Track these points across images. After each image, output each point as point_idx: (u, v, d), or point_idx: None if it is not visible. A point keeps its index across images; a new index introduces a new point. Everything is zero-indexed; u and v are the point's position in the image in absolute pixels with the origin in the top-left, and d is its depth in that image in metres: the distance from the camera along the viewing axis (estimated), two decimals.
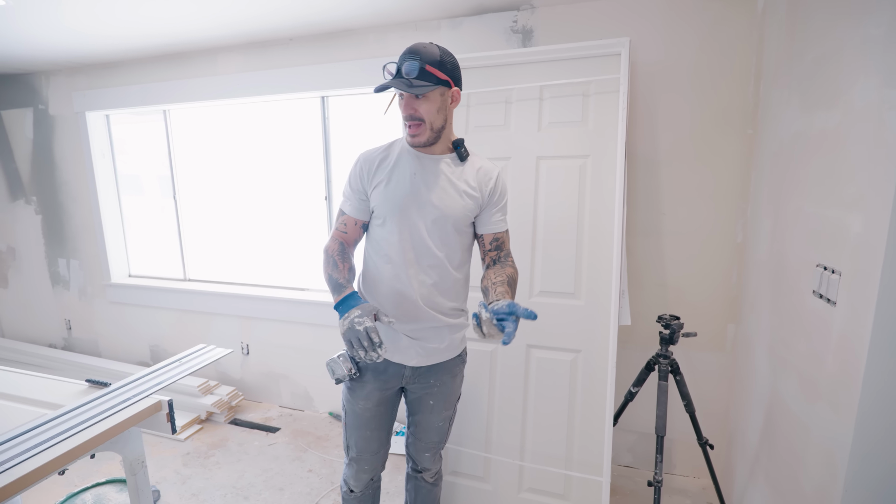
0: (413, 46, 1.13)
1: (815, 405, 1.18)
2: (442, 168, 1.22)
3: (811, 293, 1.22)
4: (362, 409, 1.28)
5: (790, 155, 1.43)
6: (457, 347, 1.31)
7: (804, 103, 1.34)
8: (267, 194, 2.79)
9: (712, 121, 1.84)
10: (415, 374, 1.28)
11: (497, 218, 1.26)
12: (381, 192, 1.22)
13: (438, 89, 1.14)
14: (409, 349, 1.24)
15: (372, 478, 1.38)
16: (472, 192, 1.21)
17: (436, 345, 1.25)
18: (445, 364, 1.30)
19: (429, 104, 1.14)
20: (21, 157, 3.24)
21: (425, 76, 1.11)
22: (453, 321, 1.27)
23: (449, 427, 1.40)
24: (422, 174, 1.21)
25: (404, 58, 1.12)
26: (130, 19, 2.07)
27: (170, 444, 2.41)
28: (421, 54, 1.11)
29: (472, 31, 2.10)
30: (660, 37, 1.85)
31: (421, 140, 1.17)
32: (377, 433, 1.32)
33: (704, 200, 1.89)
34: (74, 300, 3.30)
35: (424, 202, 1.19)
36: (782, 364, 1.40)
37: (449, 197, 1.20)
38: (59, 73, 2.99)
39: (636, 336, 2.02)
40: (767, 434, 1.48)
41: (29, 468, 1.00)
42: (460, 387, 1.39)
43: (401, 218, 1.20)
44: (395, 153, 1.24)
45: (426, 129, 1.16)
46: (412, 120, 1.15)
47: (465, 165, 1.24)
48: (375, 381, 1.27)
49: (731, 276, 1.89)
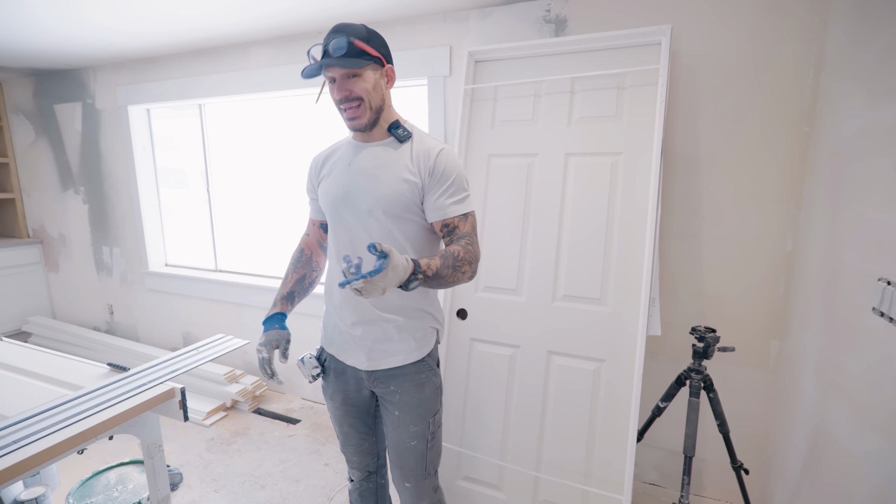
0: (337, 25, 1.06)
1: (869, 437, 1.05)
2: (377, 154, 1.14)
3: (870, 310, 1.08)
4: (331, 407, 1.29)
5: (852, 155, 1.27)
6: (414, 351, 1.18)
7: (872, 96, 1.19)
8: (294, 188, 2.82)
9: (762, 117, 1.68)
10: (371, 377, 1.20)
11: (443, 202, 1.10)
12: (322, 188, 1.20)
13: (371, 66, 1.07)
14: (358, 351, 1.18)
15: (368, 470, 1.36)
16: (409, 175, 1.10)
17: (386, 347, 1.16)
18: (405, 369, 1.18)
19: (364, 82, 1.06)
20: (71, 149, 3.42)
21: (355, 52, 1.04)
22: (407, 321, 1.16)
23: (427, 450, 1.22)
24: (357, 164, 1.14)
25: (329, 37, 1.05)
26: (164, 11, 2.12)
27: (196, 429, 2.48)
28: (346, 31, 1.04)
29: (502, 22, 2.02)
30: (704, 24, 1.70)
31: (363, 122, 1.10)
32: (353, 430, 1.29)
33: (750, 204, 1.73)
34: (116, 286, 3.46)
35: (358, 193, 1.12)
36: (833, 388, 1.26)
37: (382, 184, 1.10)
38: (105, 69, 3.12)
39: (667, 348, 1.89)
40: (811, 463, 1.34)
41: (48, 444, 1.03)
42: (434, 401, 1.22)
43: (337, 211, 1.15)
44: (341, 148, 1.22)
45: (366, 109, 1.08)
46: (349, 102, 1.07)
47: (404, 147, 1.14)
48: (336, 382, 1.25)
49: (778, 287, 1.73)
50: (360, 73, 1.06)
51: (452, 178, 1.11)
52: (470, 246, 1.09)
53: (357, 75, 1.06)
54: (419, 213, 1.13)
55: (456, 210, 1.11)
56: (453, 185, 1.11)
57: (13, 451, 1.00)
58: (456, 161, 1.13)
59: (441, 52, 2.14)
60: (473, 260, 1.08)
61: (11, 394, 1.28)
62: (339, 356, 1.23)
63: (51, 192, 3.61)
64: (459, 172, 1.13)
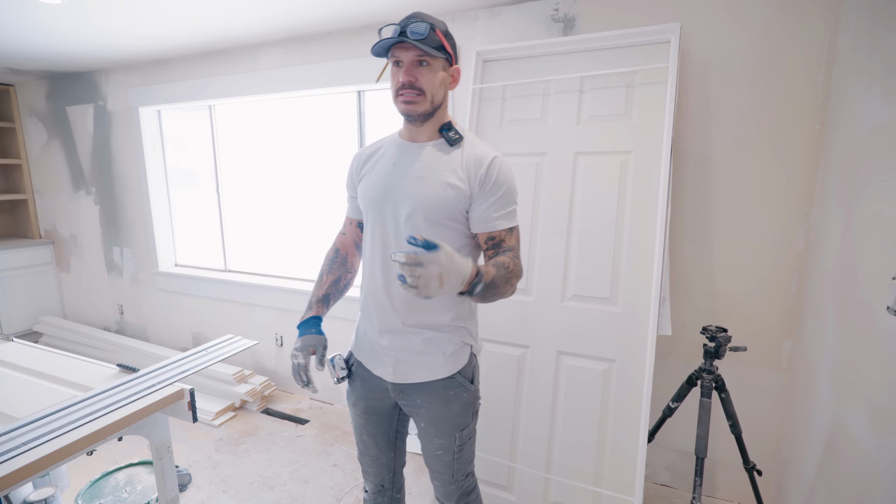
0: (416, 12, 1.02)
1: (888, 439, 1.03)
2: (424, 156, 1.08)
3: (885, 310, 1.07)
4: (353, 413, 1.25)
5: (867, 152, 1.25)
6: (442, 367, 1.10)
7: (887, 93, 1.17)
8: (303, 188, 2.83)
9: (773, 115, 1.66)
10: (396, 389, 1.15)
11: (490, 214, 1.04)
12: (362, 186, 1.15)
13: (442, 61, 1.03)
14: (385, 362, 1.13)
15: (382, 484, 1.30)
16: (457, 181, 1.04)
17: (412, 359, 1.11)
18: (431, 385, 1.11)
19: (432, 74, 1.02)
20: (83, 151, 3.47)
21: (434, 41, 0.99)
22: (436, 335, 1.10)
23: (453, 460, 1.18)
24: (401, 164, 1.09)
25: (408, 20, 1.00)
26: (172, 16, 2.14)
27: (205, 429, 2.49)
28: (429, 20, 1.01)
29: (510, 21, 2.02)
30: (714, 22, 1.69)
31: (418, 110, 1.03)
32: (372, 441, 1.25)
33: (762, 203, 1.72)
34: (127, 286, 3.49)
35: (399, 194, 1.07)
36: (849, 388, 1.24)
37: (426, 188, 1.04)
38: (117, 71, 3.16)
39: (678, 348, 1.87)
40: (827, 465, 1.32)
41: (58, 445, 1.04)
42: (463, 416, 1.15)
43: (374, 212, 1.11)
44: (385, 146, 1.16)
45: (425, 100, 1.03)
46: (411, 89, 1.01)
47: (454, 151, 1.07)
48: (361, 389, 1.20)
49: (791, 286, 1.71)
50: (430, 63, 1.01)
51: (503, 189, 1.05)
52: (517, 259, 1.05)
53: (427, 64, 1.01)
54: (463, 221, 1.07)
55: (503, 224, 1.06)
56: (503, 198, 1.05)
57: (24, 452, 1.01)
58: (508, 172, 1.07)
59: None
60: (520, 274, 1.04)
61: (22, 395, 1.30)
62: (367, 364, 1.19)
63: (63, 193, 3.65)
64: (510, 184, 1.07)
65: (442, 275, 0.83)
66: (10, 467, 0.95)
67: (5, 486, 0.92)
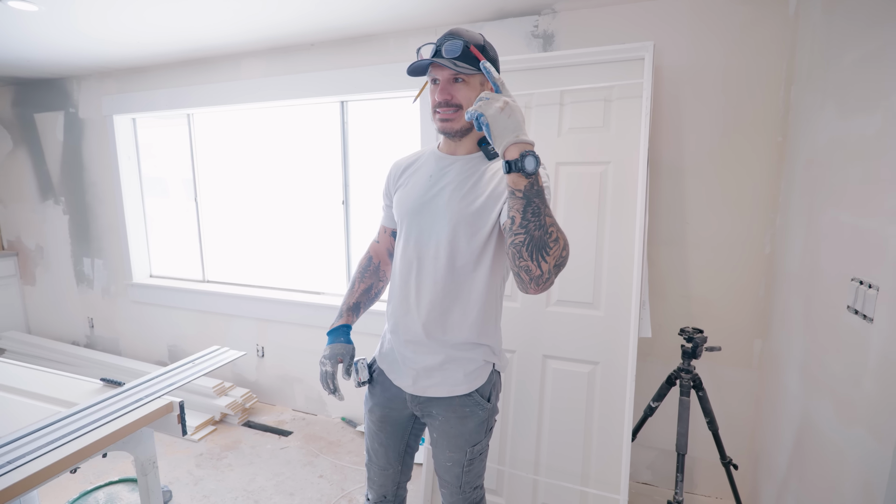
0: (454, 29, 1.03)
1: (852, 429, 1.11)
2: (462, 168, 1.09)
3: (846, 309, 1.16)
4: (368, 420, 1.25)
5: (825, 163, 1.36)
6: (461, 384, 1.11)
7: (841, 108, 1.28)
8: (285, 198, 2.81)
9: (740, 127, 1.77)
10: (414, 401, 1.16)
11: None
12: (398, 196, 1.16)
13: (479, 77, 1.03)
14: (406, 373, 1.14)
15: (385, 495, 1.29)
16: (494, 194, 1.05)
17: (432, 374, 1.11)
18: (449, 401, 1.12)
19: (468, 90, 1.02)
20: (52, 159, 3.35)
21: (469, 58, 1.00)
22: (456, 353, 1.10)
23: (462, 473, 1.18)
24: (439, 176, 1.10)
25: (444, 38, 1.02)
26: (159, 25, 2.12)
27: (184, 444, 2.42)
28: (464, 36, 1.02)
29: (492, 36, 2.08)
30: (685, 41, 1.80)
31: (455, 127, 1.05)
32: (383, 450, 1.24)
33: (730, 210, 1.82)
34: (98, 299, 3.37)
35: (436, 207, 1.08)
36: (815, 383, 1.32)
37: (464, 200, 1.06)
38: (90, 78, 3.08)
39: (657, 349, 1.95)
40: (798, 457, 1.40)
41: (42, 465, 1.00)
42: (477, 433, 1.15)
43: (410, 223, 1.12)
44: (423, 158, 1.18)
45: (462, 117, 1.04)
46: (448, 107, 1.03)
47: (492, 164, 1.08)
48: (380, 397, 1.20)
49: (759, 289, 1.81)
50: (466, 80, 1.02)
51: None
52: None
53: (463, 81, 1.02)
54: (492, 224, 1.06)
55: None
56: None
57: (9, 471, 0.97)
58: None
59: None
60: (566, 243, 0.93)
61: (2, 412, 1.25)
62: (388, 374, 1.19)
63: (28, 203, 3.51)
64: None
65: (508, 102, 0.86)
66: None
67: None
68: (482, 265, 1.08)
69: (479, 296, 1.09)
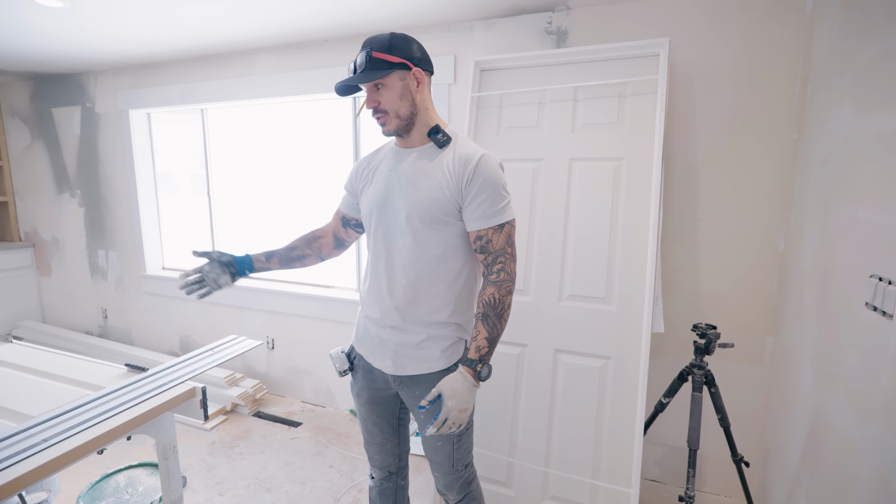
0: (366, 39, 1.09)
1: (868, 425, 1.12)
2: (415, 160, 1.14)
3: (863, 305, 1.16)
4: (357, 404, 1.32)
5: (841, 160, 1.36)
6: (438, 360, 1.16)
7: (859, 105, 1.27)
8: (296, 192, 2.84)
9: (754, 124, 1.77)
10: (396, 381, 1.21)
11: (477, 213, 1.08)
12: (364, 194, 1.23)
13: (396, 74, 1.07)
14: (385, 355, 1.20)
15: (389, 470, 1.37)
16: (446, 182, 1.09)
17: (410, 353, 1.17)
18: (429, 377, 1.17)
19: (389, 92, 1.08)
20: (68, 153, 3.40)
21: (375, 64, 1.06)
22: (435, 332, 1.16)
23: (453, 451, 1.23)
24: (396, 170, 1.16)
25: (357, 55, 1.09)
26: (174, 22, 2.15)
27: (196, 432, 2.46)
28: (370, 44, 1.07)
29: (505, 33, 2.10)
30: (700, 37, 1.80)
31: (391, 129, 1.12)
32: (377, 429, 1.31)
33: (743, 207, 1.82)
34: (111, 290, 3.42)
35: (396, 199, 1.14)
36: (829, 379, 1.32)
37: (419, 191, 1.10)
38: (106, 73, 3.12)
39: (668, 345, 1.96)
40: (810, 453, 1.41)
41: (75, 444, 1.04)
42: None
43: (378, 217, 1.17)
44: (383, 153, 1.24)
45: (392, 118, 1.10)
46: (377, 113, 1.11)
47: (444, 153, 1.12)
48: (364, 380, 1.27)
49: (771, 286, 1.81)
50: (384, 83, 1.08)
51: (490, 188, 1.08)
52: (503, 272, 1.09)
53: (382, 85, 1.08)
54: (458, 218, 1.12)
55: (489, 222, 1.09)
56: (491, 196, 1.08)
57: (46, 448, 1.00)
58: (494, 168, 1.10)
59: (446, 60, 2.20)
60: (510, 289, 1.09)
61: (34, 394, 1.28)
62: (367, 357, 1.25)
63: (45, 196, 3.57)
64: (496, 180, 1.09)
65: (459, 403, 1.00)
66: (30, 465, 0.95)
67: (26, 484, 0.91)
68: (448, 250, 1.14)
69: (449, 279, 1.15)
